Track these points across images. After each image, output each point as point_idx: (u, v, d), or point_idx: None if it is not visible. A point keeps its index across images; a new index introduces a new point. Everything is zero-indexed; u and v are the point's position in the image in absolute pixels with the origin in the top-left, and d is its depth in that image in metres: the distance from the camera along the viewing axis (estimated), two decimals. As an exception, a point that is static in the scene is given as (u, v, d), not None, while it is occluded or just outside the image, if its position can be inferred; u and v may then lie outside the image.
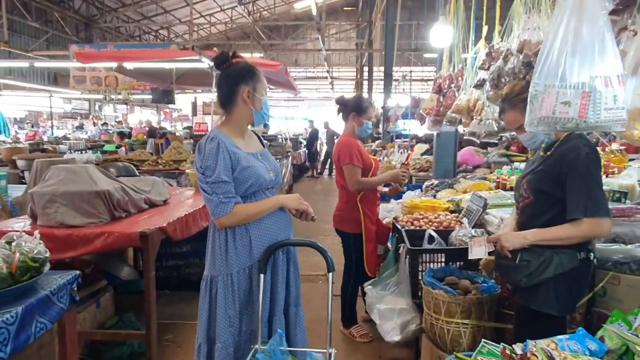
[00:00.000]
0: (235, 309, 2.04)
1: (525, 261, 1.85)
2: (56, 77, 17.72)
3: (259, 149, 2.21)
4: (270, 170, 2.15)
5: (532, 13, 2.60)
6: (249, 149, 2.12)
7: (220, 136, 2.01)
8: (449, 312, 2.28)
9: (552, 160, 1.86)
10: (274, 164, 2.21)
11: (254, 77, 2.06)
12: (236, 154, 2.01)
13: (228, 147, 1.98)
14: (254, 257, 2.05)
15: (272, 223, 2.11)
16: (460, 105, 3.39)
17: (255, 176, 2.03)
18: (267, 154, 2.24)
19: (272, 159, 2.25)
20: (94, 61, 7.44)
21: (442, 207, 3.42)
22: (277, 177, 2.20)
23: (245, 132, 2.17)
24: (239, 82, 2.05)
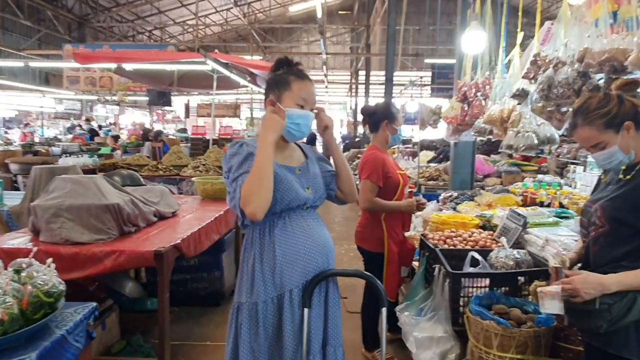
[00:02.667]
0: (259, 343, 1.78)
1: (606, 304, 1.63)
2: (47, 76, 17.31)
3: (298, 163, 1.96)
4: (308, 187, 1.89)
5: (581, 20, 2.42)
6: (285, 161, 1.89)
7: (248, 140, 1.87)
8: (502, 346, 2.08)
9: (633, 185, 1.65)
10: (313, 181, 1.93)
11: (283, 86, 1.85)
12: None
13: (254, 150, 1.79)
14: (283, 285, 1.79)
15: (304, 247, 1.84)
16: (493, 116, 3.20)
17: (287, 191, 1.79)
18: (308, 167, 1.96)
19: (314, 173, 1.97)
20: (93, 62, 7.17)
21: (473, 224, 3.22)
22: (317, 193, 1.92)
23: (282, 146, 1.91)
24: (268, 91, 1.89)
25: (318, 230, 1.91)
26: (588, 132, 1.68)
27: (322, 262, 1.89)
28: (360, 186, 3.11)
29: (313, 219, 1.92)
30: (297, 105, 1.83)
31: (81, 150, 9.12)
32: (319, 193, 1.94)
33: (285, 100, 1.83)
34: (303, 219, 1.87)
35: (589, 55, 2.10)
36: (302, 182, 1.88)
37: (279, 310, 1.80)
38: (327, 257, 1.92)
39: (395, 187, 3.10)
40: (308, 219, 1.89)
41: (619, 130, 1.63)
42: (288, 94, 1.83)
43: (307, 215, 1.91)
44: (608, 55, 1.98)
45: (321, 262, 1.88)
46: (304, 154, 2.04)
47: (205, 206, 4.02)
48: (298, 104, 1.83)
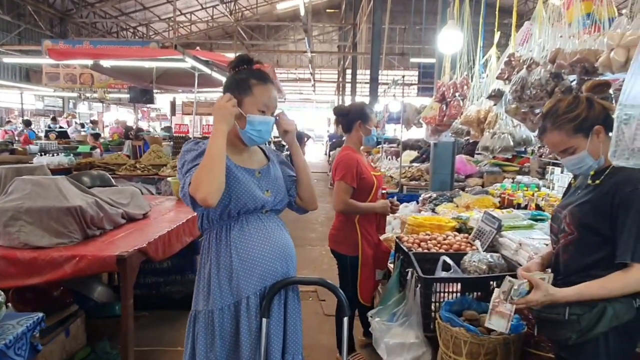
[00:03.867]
0: (216, 352, 1.73)
1: (575, 315, 1.58)
2: (28, 73, 16.99)
3: (259, 165, 1.90)
4: (268, 190, 1.83)
5: (559, 21, 2.37)
6: (245, 163, 1.83)
7: (206, 141, 1.77)
8: (472, 353, 2.03)
9: (603, 191, 1.59)
10: (274, 183, 1.87)
11: (244, 90, 1.76)
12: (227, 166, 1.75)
13: None
14: (239, 292, 1.73)
15: (261, 252, 1.77)
16: (470, 117, 3.16)
17: (243, 192, 1.74)
18: (269, 169, 1.90)
19: (275, 176, 1.91)
20: (68, 58, 7.01)
21: (449, 226, 3.17)
22: (277, 197, 1.86)
23: (241, 148, 1.86)
24: (226, 89, 1.81)
25: (278, 235, 1.85)
26: (557, 137, 1.63)
27: (281, 268, 1.83)
28: (334, 187, 3.05)
29: (273, 223, 1.86)
30: (259, 111, 1.77)
31: (59, 148, 8.94)
32: (279, 196, 1.88)
33: (246, 105, 1.76)
34: (261, 223, 1.81)
35: (560, 56, 2.05)
36: (262, 184, 1.83)
37: (236, 319, 1.75)
38: (287, 263, 1.86)
39: (370, 188, 3.04)
40: (267, 223, 1.83)
41: (588, 134, 1.58)
42: (250, 99, 1.76)
43: (267, 219, 1.85)
44: (579, 56, 1.94)
45: (280, 268, 1.83)
46: (266, 156, 1.98)
47: (179, 207, 3.92)
48: (260, 110, 1.77)
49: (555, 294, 1.57)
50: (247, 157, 1.87)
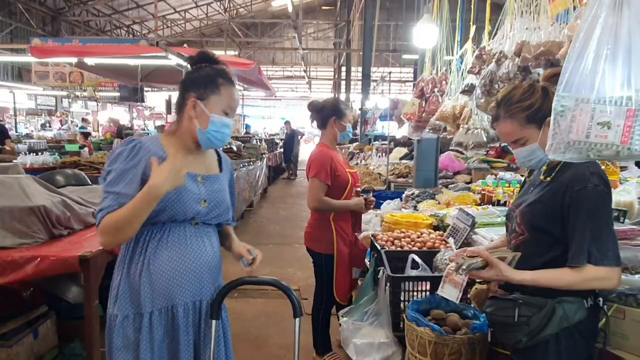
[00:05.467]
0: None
1: (524, 317, 1.53)
2: (20, 71, 16.90)
3: (206, 171, 1.74)
4: (205, 200, 1.66)
5: (529, 12, 2.32)
6: (189, 165, 1.66)
7: (147, 142, 1.62)
8: (436, 353, 1.98)
9: (553, 190, 1.53)
10: (215, 195, 1.71)
11: (210, 88, 1.65)
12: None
13: (149, 156, 1.57)
14: (140, 305, 1.59)
15: (172, 268, 1.60)
16: (445, 112, 3.11)
17: (175, 201, 1.58)
18: (217, 179, 1.76)
19: (221, 188, 1.76)
20: (52, 56, 6.95)
21: (425, 224, 3.13)
22: (213, 210, 1.70)
23: (191, 149, 1.72)
24: (190, 88, 1.67)
25: (198, 252, 1.67)
26: (510, 125, 1.57)
27: (193, 288, 1.65)
28: (308, 185, 3.01)
29: (199, 237, 1.69)
30: (223, 112, 1.67)
31: (47, 147, 8.88)
32: (217, 210, 1.72)
33: (211, 104, 1.65)
34: (184, 236, 1.64)
35: (525, 49, 2.01)
36: (201, 192, 1.67)
37: (137, 333, 1.61)
38: (201, 283, 1.67)
39: (344, 185, 3.00)
40: (192, 237, 1.66)
41: (541, 125, 1.52)
42: (216, 99, 1.65)
43: (195, 232, 1.68)
44: (543, 49, 1.89)
45: (190, 288, 1.65)
46: (220, 165, 1.85)
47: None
48: (224, 111, 1.67)
49: (510, 275, 1.52)
50: (193, 159, 1.72)
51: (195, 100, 1.64)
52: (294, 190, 12.18)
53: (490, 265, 1.55)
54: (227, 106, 1.68)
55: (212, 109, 1.64)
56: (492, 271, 1.55)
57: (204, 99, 1.64)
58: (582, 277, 1.43)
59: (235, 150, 8.56)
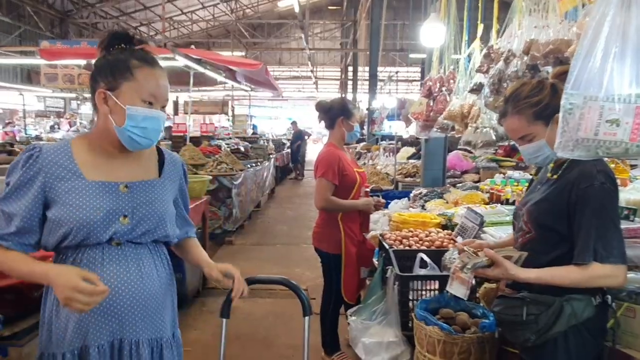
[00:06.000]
0: None
1: (532, 315, 1.54)
2: (29, 74, 17.06)
3: (135, 176, 1.44)
4: (126, 215, 1.37)
5: (538, 10, 2.32)
6: (106, 174, 1.39)
7: (49, 150, 1.35)
8: (445, 352, 1.98)
9: (559, 188, 1.53)
10: (144, 207, 1.41)
11: (121, 74, 1.34)
12: (63, 180, 1.33)
13: (50, 167, 1.32)
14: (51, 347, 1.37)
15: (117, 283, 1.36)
16: (453, 111, 3.10)
17: (78, 220, 1.31)
18: (150, 187, 1.45)
19: (154, 198, 1.44)
20: (61, 58, 7.03)
21: (433, 223, 3.12)
22: (139, 226, 1.40)
23: (113, 155, 1.42)
24: (97, 78, 1.37)
25: (118, 279, 1.36)
26: (517, 122, 1.57)
27: (109, 325, 1.37)
28: (316, 185, 3.02)
29: (121, 262, 1.38)
30: (143, 102, 1.35)
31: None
32: (144, 226, 1.40)
33: (125, 94, 1.34)
34: (99, 260, 1.35)
35: (534, 47, 2.00)
36: (122, 205, 1.37)
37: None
38: (120, 319, 1.37)
39: (352, 185, 3.00)
40: (110, 262, 1.36)
41: (548, 122, 1.52)
42: (130, 85, 1.34)
43: (117, 254, 1.38)
44: (552, 47, 1.89)
45: (105, 326, 1.36)
46: (159, 169, 1.52)
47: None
48: (145, 101, 1.36)
49: (516, 274, 1.52)
50: (117, 165, 1.43)
51: (104, 91, 1.34)
52: (302, 191, 12.20)
53: (496, 264, 1.56)
54: (148, 94, 1.36)
55: (127, 100, 1.34)
56: (498, 270, 1.55)
57: (115, 89, 1.34)
58: (588, 274, 1.43)
59: (242, 150, 8.60)
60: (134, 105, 1.34)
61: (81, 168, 1.36)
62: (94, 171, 1.38)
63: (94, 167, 1.38)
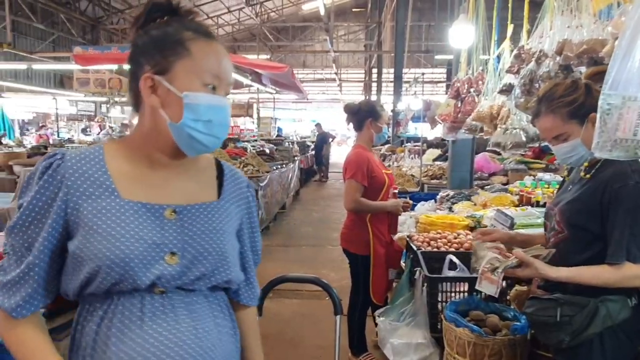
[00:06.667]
0: None
1: (567, 316, 1.52)
2: (62, 79, 17.60)
3: (186, 198, 1.05)
4: (174, 252, 0.99)
5: (570, 10, 2.29)
6: (152, 193, 1.02)
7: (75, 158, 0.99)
8: (476, 354, 1.97)
9: (592, 188, 1.52)
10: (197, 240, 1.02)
11: (173, 50, 0.99)
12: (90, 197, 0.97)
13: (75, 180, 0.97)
14: None
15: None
16: (482, 113, 3.08)
17: (108, 253, 0.93)
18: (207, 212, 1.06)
19: (212, 225, 1.05)
20: (95, 63, 7.23)
21: (462, 225, 3.10)
22: (193, 267, 1.01)
23: (164, 164, 1.05)
24: (140, 61, 1.02)
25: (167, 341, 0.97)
26: (551, 121, 1.57)
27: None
28: (345, 186, 3.04)
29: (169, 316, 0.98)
30: (204, 86, 1.00)
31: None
32: (200, 267, 1.01)
33: (180, 77, 0.99)
34: (139, 317, 0.97)
35: (567, 48, 1.98)
36: (164, 238, 0.99)
37: None
38: None
39: (381, 186, 3.02)
40: (153, 317, 0.97)
41: (583, 121, 1.51)
42: (186, 65, 0.99)
43: (162, 307, 0.99)
44: (586, 47, 1.87)
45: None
46: (219, 185, 1.13)
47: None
48: (206, 84, 1.01)
49: (547, 273, 1.53)
50: (162, 180, 1.05)
51: (152, 76, 0.99)
52: (326, 193, 12.23)
53: (525, 264, 1.56)
54: (210, 74, 1.01)
55: (184, 84, 0.99)
56: (528, 270, 1.56)
57: (166, 71, 0.99)
58: (620, 275, 1.43)
59: (268, 152, 8.68)
60: (194, 92, 0.98)
61: (116, 182, 0.99)
62: (132, 187, 1.01)
63: (132, 181, 1.01)
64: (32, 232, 0.97)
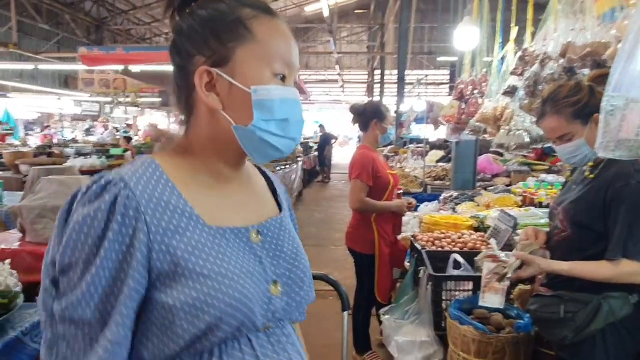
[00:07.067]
0: None
1: (570, 313, 1.56)
2: (67, 79, 17.68)
3: (259, 214, 0.89)
4: (274, 281, 0.83)
5: (573, 12, 2.32)
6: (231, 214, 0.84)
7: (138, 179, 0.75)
8: (479, 351, 2.01)
9: (596, 187, 1.57)
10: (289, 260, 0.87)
11: (232, 32, 0.79)
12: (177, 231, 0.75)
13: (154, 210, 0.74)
14: None
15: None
16: (486, 114, 3.12)
17: (228, 299, 0.74)
18: (282, 227, 0.91)
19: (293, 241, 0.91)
20: (100, 64, 7.29)
21: (465, 225, 3.14)
22: (297, 292, 0.86)
23: (225, 177, 0.86)
24: (187, 48, 0.81)
25: None
26: (556, 121, 1.61)
27: None
28: (350, 186, 3.08)
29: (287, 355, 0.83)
30: (274, 75, 0.81)
31: (93, 151, 9.28)
32: (300, 293, 0.87)
33: (245, 66, 0.79)
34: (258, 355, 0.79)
35: (571, 50, 2.01)
36: (263, 264, 0.83)
37: None
38: None
39: (385, 186, 3.05)
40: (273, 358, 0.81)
41: (587, 122, 1.56)
42: (250, 51, 0.79)
43: (269, 346, 0.81)
44: (589, 50, 1.90)
45: None
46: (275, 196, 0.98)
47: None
48: (276, 74, 0.81)
49: (548, 267, 1.60)
50: (230, 194, 0.86)
51: (209, 68, 0.78)
52: (328, 193, 12.26)
53: (526, 263, 1.61)
54: (281, 61, 0.81)
55: (250, 76, 0.79)
56: (530, 269, 1.61)
57: (224, 61, 0.78)
58: (618, 270, 1.47)
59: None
60: (264, 85, 0.79)
61: (194, 205, 0.78)
62: (210, 210, 0.80)
63: (206, 202, 0.81)
64: (107, 304, 0.70)
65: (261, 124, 0.79)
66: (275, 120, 0.80)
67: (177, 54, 0.84)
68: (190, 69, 0.80)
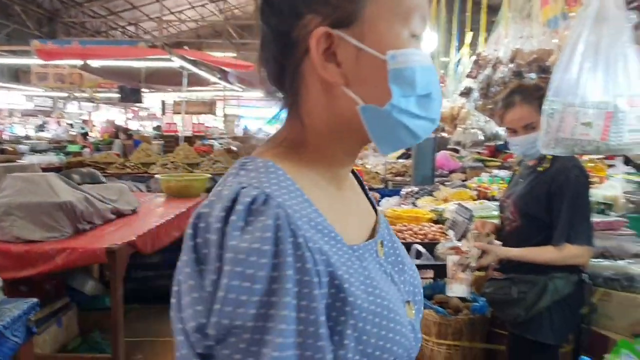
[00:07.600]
0: None
1: (522, 293, 1.76)
2: (17, 72, 16.93)
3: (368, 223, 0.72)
4: (407, 302, 0.68)
5: (522, 19, 2.53)
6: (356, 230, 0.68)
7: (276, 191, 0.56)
8: (440, 333, 2.18)
9: (542, 181, 1.77)
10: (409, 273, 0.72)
11: None
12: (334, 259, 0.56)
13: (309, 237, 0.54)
14: None
15: None
16: (444, 113, 3.31)
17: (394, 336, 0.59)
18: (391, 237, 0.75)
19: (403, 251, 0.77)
20: (57, 58, 7.10)
21: (426, 218, 3.32)
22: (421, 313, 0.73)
23: (340, 176, 0.68)
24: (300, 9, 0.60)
25: None
26: (526, 110, 1.74)
27: None
28: None
29: None
30: (412, 36, 0.61)
31: (49, 148, 9.01)
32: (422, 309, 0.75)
33: (374, 27, 0.58)
34: None
35: (519, 56, 2.20)
36: (396, 283, 0.68)
37: None
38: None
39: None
40: None
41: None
42: (384, 2, 0.58)
43: None
44: (536, 56, 2.09)
45: None
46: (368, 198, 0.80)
47: (168, 203, 4.04)
48: (414, 35, 0.61)
49: (504, 253, 1.81)
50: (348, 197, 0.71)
51: (329, 30, 0.58)
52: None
53: (486, 252, 1.79)
54: (419, 15, 0.61)
55: (384, 38, 0.59)
56: (489, 257, 1.78)
57: (351, 20, 0.59)
58: (562, 254, 1.68)
59: (235, 150, 8.73)
60: (401, 48, 0.59)
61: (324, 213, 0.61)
62: (340, 223, 0.62)
63: (335, 214, 0.63)
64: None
65: (401, 102, 0.58)
66: (416, 97, 0.59)
67: (274, 15, 0.65)
68: (297, 33, 0.60)
